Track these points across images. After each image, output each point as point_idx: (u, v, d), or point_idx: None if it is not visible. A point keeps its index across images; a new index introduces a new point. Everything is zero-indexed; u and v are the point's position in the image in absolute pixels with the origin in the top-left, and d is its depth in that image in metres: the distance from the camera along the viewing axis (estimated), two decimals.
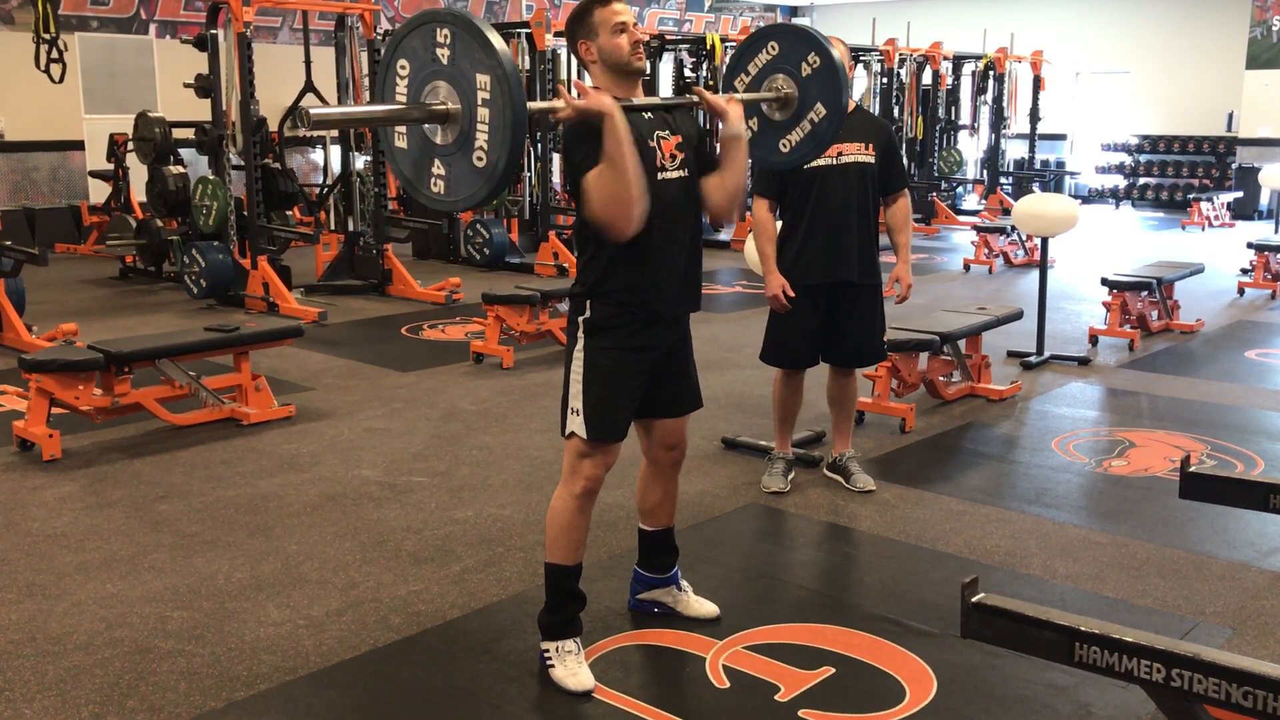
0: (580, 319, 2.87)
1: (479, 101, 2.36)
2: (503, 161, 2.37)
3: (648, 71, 2.94)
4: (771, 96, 3.28)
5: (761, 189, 4.18)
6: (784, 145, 3.36)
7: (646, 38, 2.82)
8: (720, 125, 2.92)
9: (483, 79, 2.34)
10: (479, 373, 6.33)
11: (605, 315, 2.84)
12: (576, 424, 2.84)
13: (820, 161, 4.05)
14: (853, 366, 4.32)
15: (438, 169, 2.48)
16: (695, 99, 2.95)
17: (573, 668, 2.87)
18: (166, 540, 3.85)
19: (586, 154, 2.66)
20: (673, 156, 2.85)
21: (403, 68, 2.47)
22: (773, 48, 3.29)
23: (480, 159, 2.39)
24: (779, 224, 4.21)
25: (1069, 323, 7.82)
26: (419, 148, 2.50)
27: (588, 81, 2.88)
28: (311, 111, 2.29)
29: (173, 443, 4.97)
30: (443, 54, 2.39)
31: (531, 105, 2.41)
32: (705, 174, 2.95)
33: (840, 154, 4.06)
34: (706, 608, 3.23)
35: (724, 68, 12.12)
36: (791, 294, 4.09)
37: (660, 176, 2.82)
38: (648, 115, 2.84)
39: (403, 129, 2.52)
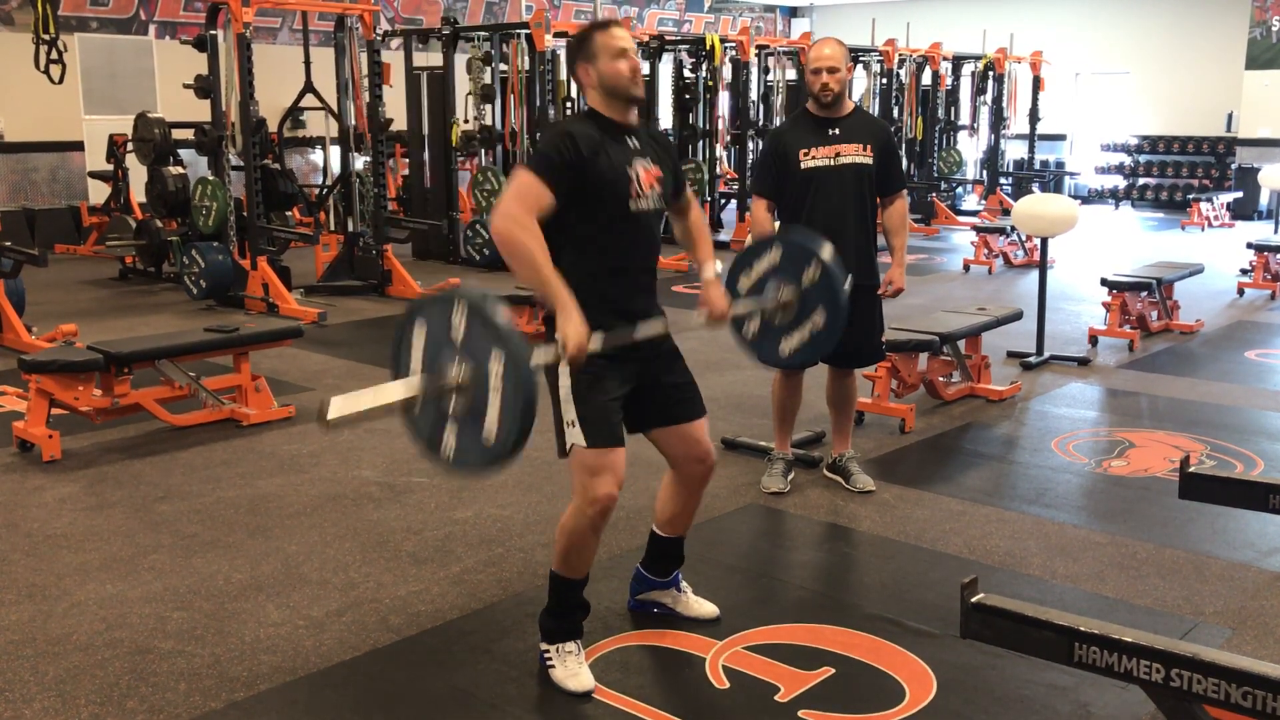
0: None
1: (491, 385, 2.41)
2: (510, 443, 2.43)
3: (644, 99, 2.96)
4: (772, 306, 3.36)
5: (760, 189, 4.18)
6: (783, 349, 3.44)
7: (645, 69, 2.87)
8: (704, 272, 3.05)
9: (495, 362, 2.39)
10: None
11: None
12: (575, 435, 2.81)
13: (819, 162, 4.06)
14: (851, 367, 4.32)
15: (449, 436, 2.53)
16: (701, 319, 3.04)
17: (573, 668, 2.88)
18: (166, 541, 3.85)
19: (533, 159, 2.73)
20: (651, 187, 2.87)
21: (418, 335, 2.53)
22: (776, 254, 3.38)
23: (489, 439, 2.45)
24: (777, 224, 4.21)
25: (1069, 323, 7.82)
26: (434, 415, 2.54)
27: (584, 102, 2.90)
28: (329, 417, 2.33)
29: (173, 443, 4.97)
30: (457, 333, 2.45)
31: (535, 358, 2.46)
32: (672, 202, 3.01)
33: (838, 155, 4.06)
34: (706, 608, 3.24)
35: (723, 69, 12.19)
36: None
37: (633, 207, 2.82)
38: (632, 143, 2.85)
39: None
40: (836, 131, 4.09)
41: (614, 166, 2.78)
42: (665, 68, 12.60)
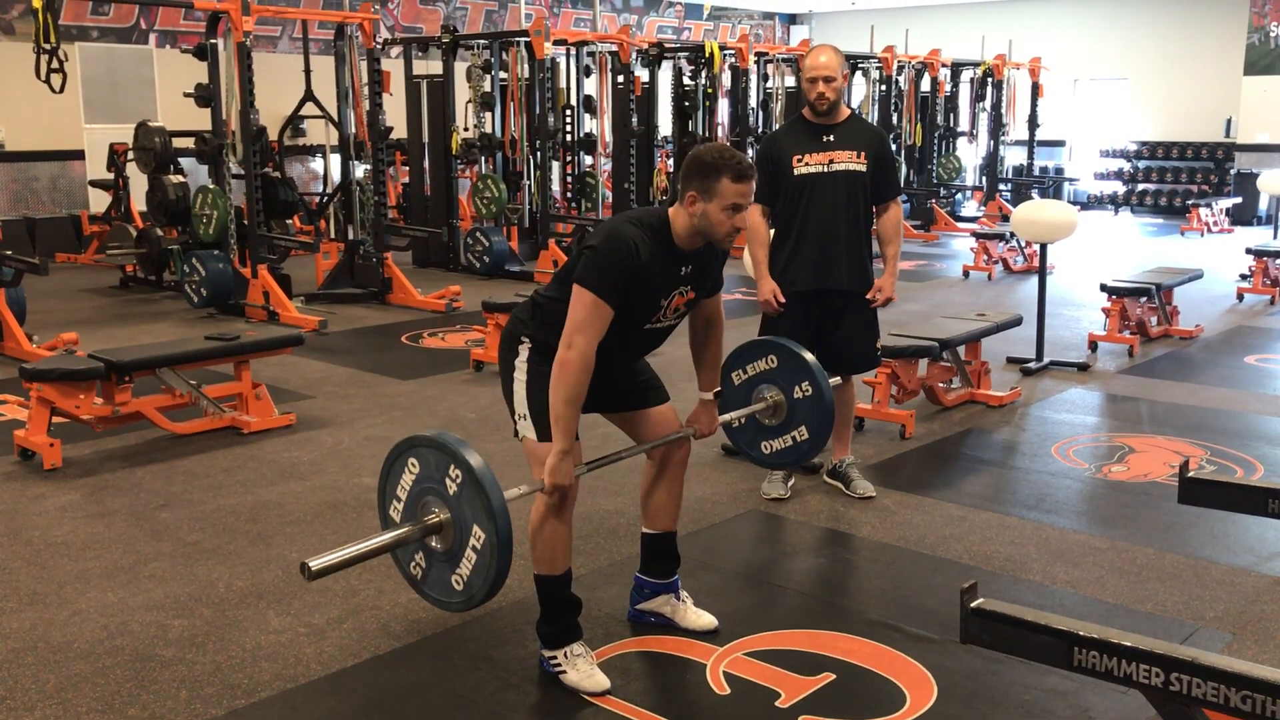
0: (521, 345, 2.92)
1: (470, 544, 2.56)
2: (478, 598, 2.61)
3: (728, 253, 3.03)
4: (762, 408, 3.58)
5: (755, 195, 4.18)
6: (765, 448, 3.66)
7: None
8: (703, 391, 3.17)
9: (479, 532, 2.54)
10: (479, 380, 6.34)
11: (547, 355, 2.81)
12: (525, 427, 2.90)
13: (812, 169, 4.07)
14: (846, 373, 4.32)
15: (420, 560, 2.72)
16: (691, 432, 3.13)
17: (586, 670, 2.88)
18: (167, 548, 3.85)
19: (597, 276, 2.71)
20: (676, 310, 2.92)
21: (413, 466, 2.69)
22: (772, 360, 3.57)
23: (458, 584, 2.64)
24: (772, 230, 4.23)
25: (1068, 329, 7.83)
26: (414, 546, 2.73)
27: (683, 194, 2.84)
28: (312, 565, 2.44)
29: (173, 451, 4.97)
30: (450, 486, 2.59)
31: (509, 494, 2.59)
32: (699, 300, 3.03)
33: (832, 162, 4.07)
34: (704, 619, 3.22)
35: (722, 76, 12.20)
36: (782, 300, 4.11)
37: (648, 327, 2.89)
38: (685, 270, 2.86)
39: (398, 506, 2.73)
40: (831, 138, 4.10)
41: (653, 290, 2.80)
42: (665, 75, 12.62)
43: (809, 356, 3.52)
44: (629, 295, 2.74)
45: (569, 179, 11.79)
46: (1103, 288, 7.24)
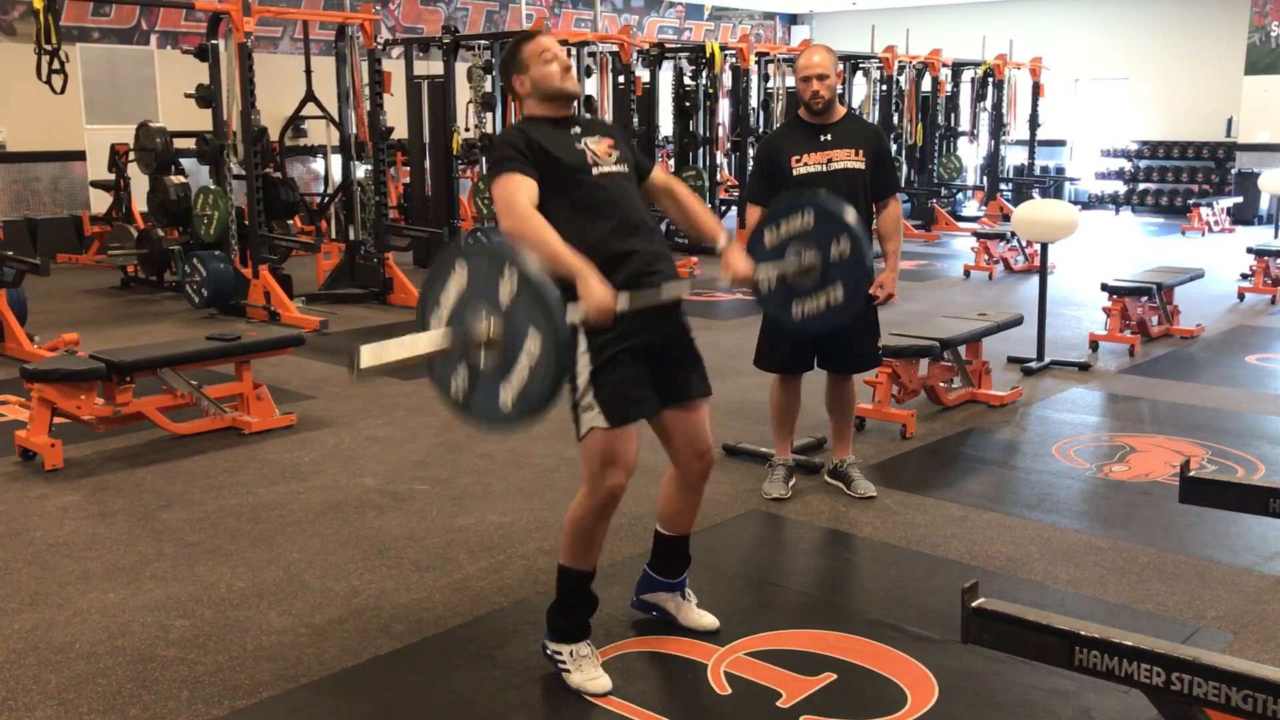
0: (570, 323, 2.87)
1: (525, 351, 2.37)
2: (526, 416, 2.42)
3: (580, 93, 3.02)
4: (795, 270, 3.32)
5: (754, 196, 4.19)
6: (796, 312, 3.42)
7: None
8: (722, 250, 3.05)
9: (534, 338, 2.35)
10: None
11: (599, 330, 2.79)
12: (593, 418, 2.80)
13: (811, 169, 4.07)
14: (847, 372, 4.32)
15: (461, 380, 2.51)
16: (725, 281, 3.04)
17: (590, 672, 2.89)
18: (168, 549, 3.85)
19: (496, 162, 2.81)
20: (608, 154, 2.93)
21: (460, 276, 2.48)
22: (809, 218, 3.34)
23: (506, 403, 2.43)
24: None
25: (1069, 328, 7.82)
26: (457, 364, 2.52)
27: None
28: (362, 365, 2.32)
29: (175, 452, 4.97)
30: (504, 292, 2.40)
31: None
32: (644, 179, 3.06)
33: (830, 160, 4.07)
34: (706, 620, 3.23)
35: (723, 76, 12.20)
36: None
37: (597, 171, 2.88)
38: (574, 130, 2.93)
39: (439, 319, 2.53)
40: (828, 137, 4.09)
41: (562, 147, 2.87)
42: (665, 75, 12.62)
43: (851, 215, 3.31)
44: (541, 163, 2.81)
45: None
46: (1104, 287, 7.24)
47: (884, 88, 13.92)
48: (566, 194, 2.84)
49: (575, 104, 3.02)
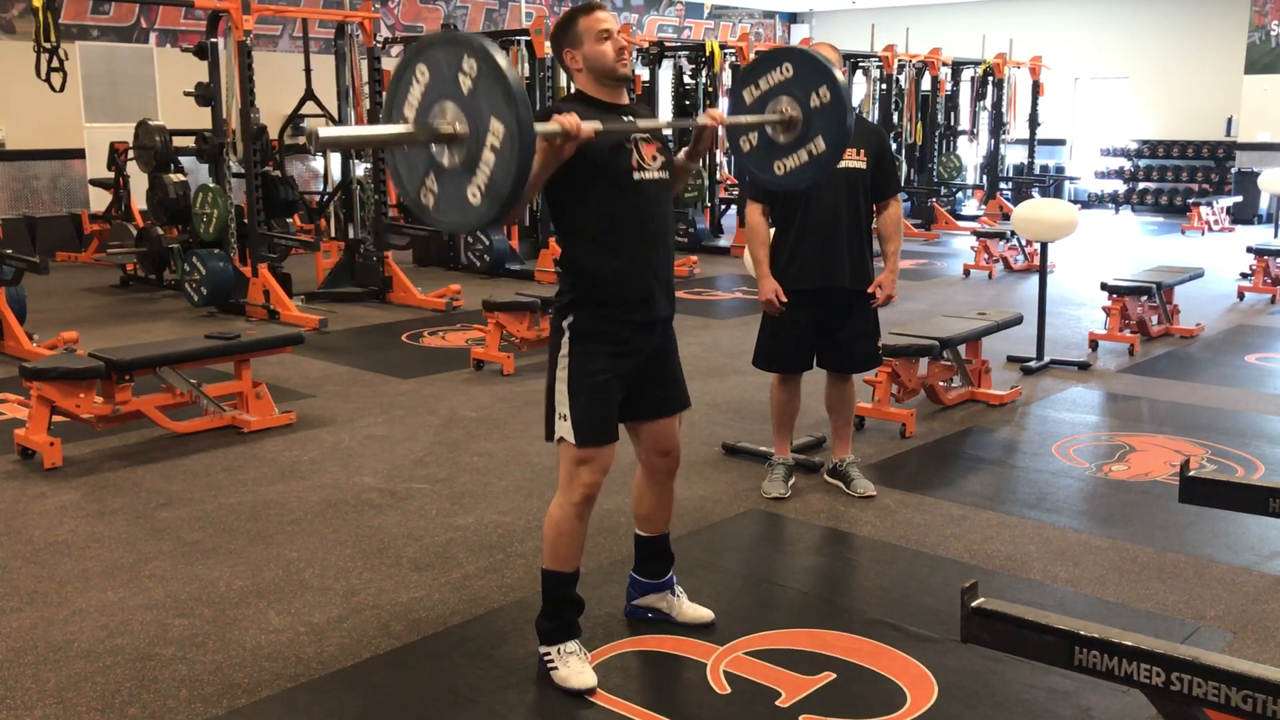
0: (564, 324, 2.88)
1: (488, 144, 2.33)
2: (496, 208, 2.36)
3: (633, 77, 2.94)
4: (776, 119, 3.23)
5: (756, 193, 4.18)
6: (779, 168, 3.33)
7: (631, 45, 2.86)
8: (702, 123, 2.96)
9: (497, 126, 2.31)
10: (479, 379, 6.34)
11: (589, 322, 2.85)
12: (565, 429, 2.85)
13: None
14: (847, 372, 4.32)
15: (431, 183, 2.47)
16: (703, 120, 2.95)
17: (576, 668, 2.88)
18: (167, 548, 3.85)
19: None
20: (654, 158, 2.88)
21: (421, 73, 2.42)
22: (787, 69, 3.24)
23: (475, 196, 2.38)
24: (772, 230, 4.22)
25: (1069, 328, 7.82)
26: (422, 159, 2.48)
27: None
28: (320, 133, 2.28)
29: (174, 450, 4.97)
30: (464, 83, 2.35)
31: (537, 127, 2.40)
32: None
33: None
34: (700, 613, 3.23)
35: (723, 74, 12.21)
36: (784, 299, 4.10)
37: (637, 176, 2.83)
38: (626, 119, 2.84)
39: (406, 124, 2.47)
40: None
41: (608, 140, 2.77)
42: (665, 74, 12.62)
43: (829, 62, 3.22)
44: (584, 150, 2.65)
45: None
46: (1103, 286, 7.24)
47: (884, 87, 13.91)
48: (602, 196, 2.79)
49: (629, 89, 2.94)
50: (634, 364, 2.90)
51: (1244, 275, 9.68)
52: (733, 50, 12.34)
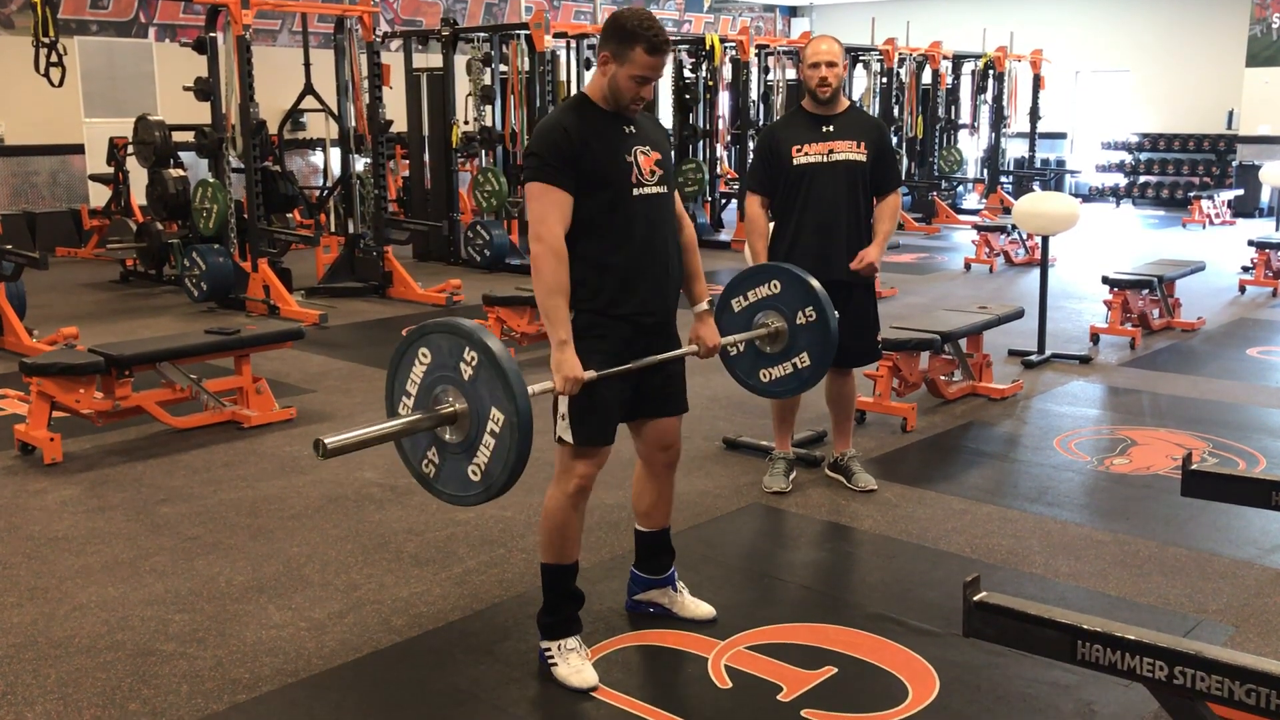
0: None
1: (488, 430, 2.47)
2: (496, 487, 2.50)
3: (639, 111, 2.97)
4: (764, 334, 3.51)
5: (754, 185, 4.17)
6: (765, 375, 3.59)
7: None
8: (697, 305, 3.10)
9: (498, 414, 2.45)
10: None
11: (590, 325, 2.85)
12: (563, 429, 2.88)
13: (811, 159, 4.05)
14: (847, 366, 4.30)
15: (433, 455, 2.62)
16: (695, 349, 3.11)
17: (576, 665, 2.88)
18: (168, 543, 3.85)
19: (536, 167, 2.77)
20: (652, 172, 2.88)
21: (424, 356, 2.56)
22: (775, 285, 3.50)
23: (475, 474, 2.53)
24: (771, 223, 4.20)
25: (1070, 321, 7.81)
26: (425, 434, 2.61)
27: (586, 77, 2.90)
28: (327, 442, 2.40)
29: (174, 446, 4.97)
30: (466, 371, 2.49)
31: (532, 389, 2.52)
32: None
33: (831, 152, 4.05)
34: (702, 609, 3.23)
35: (723, 68, 12.18)
36: None
37: (637, 193, 2.84)
38: (629, 129, 2.85)
39: (407, 402, 2.62)
40: (830, 128, 4.07)
41: (607, 150, 2.80)
42: (665, 68, 12.59)
43: (815, 283, 3.43)
44: (583, 166, 2.75)
45: None
46: (1104, 280, 7.23)
47: (884, 80, 13.89)
48: (600, 211, 2.80)
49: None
50: (632, 375, 2.89)
51: (1245, 269, 9.66)
52: (733, 44, 12.31)
